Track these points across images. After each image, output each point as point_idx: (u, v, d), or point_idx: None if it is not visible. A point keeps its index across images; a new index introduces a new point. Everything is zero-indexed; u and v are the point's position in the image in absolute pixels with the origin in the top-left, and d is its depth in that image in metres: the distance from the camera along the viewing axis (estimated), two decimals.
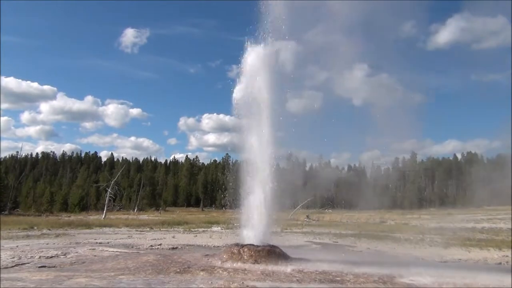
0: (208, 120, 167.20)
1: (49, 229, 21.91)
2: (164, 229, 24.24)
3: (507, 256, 12.80)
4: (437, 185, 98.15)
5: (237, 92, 12.34)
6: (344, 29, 13.06)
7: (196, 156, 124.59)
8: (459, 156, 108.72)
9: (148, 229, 24.25)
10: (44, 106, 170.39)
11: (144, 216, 46.40)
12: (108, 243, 15.18)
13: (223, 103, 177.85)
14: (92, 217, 43.23)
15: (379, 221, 37.24)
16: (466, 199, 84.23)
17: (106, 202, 46.33)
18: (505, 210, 50.70)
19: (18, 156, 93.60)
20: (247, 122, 12.29)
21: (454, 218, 40.98)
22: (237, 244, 10.33)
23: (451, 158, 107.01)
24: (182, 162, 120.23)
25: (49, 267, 9.24)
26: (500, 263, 11.66)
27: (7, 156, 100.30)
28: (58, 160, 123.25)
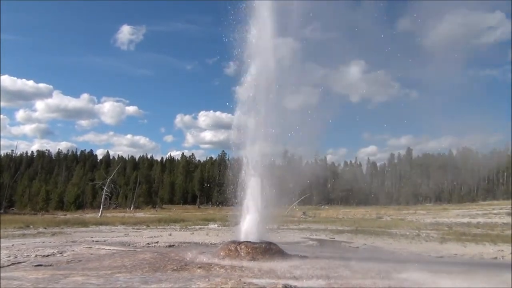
0: (204, 117, 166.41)
1: (45, 228, 21.83)
2: (160, 227, 24.22)
3: (502, 250, 12.89)
4: (433, 180, 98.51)
5: (236, 89, 12.38)
6: (341, 25, 13.06)
7: (192, 154, 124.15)
8: (454, 152, 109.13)
9: (144, 227, 24.22)
10: (40, 104, 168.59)
11: (140, 214, 46.33)
12: (104, 241, 15.14)
13: (220, 100, 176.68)
14: (88, 215, 43.10)
15: (375, 217, 37.41)
16: (461, 194, 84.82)
17: (102, 200, 46.22)
18: (500, 205, 51.12)
19: (13, 155, 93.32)
20: (244, 119, 12.30)
21: (449, 213, 41.23)
22: (234, 241, 10.34)
23: (446, 154, 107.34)
24: (178, 160, 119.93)
25: (46, 265, 9.20)
26: (496, 258, 11.75)
27: (2, 155, 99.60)
28: (54, 158, 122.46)
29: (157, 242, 14.76)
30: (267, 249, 9.91)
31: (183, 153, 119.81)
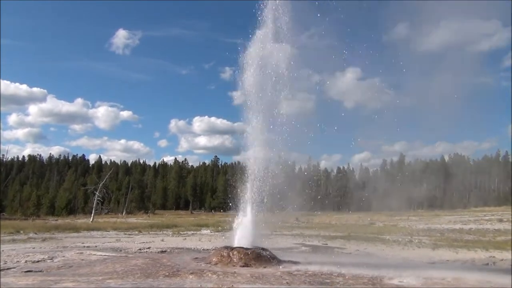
0: (199, 122, 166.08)
1: (36, 233, 21.60)
2: (153, 232, 24.06)
3: (493, 256, 12.98)
4: (425, 187, 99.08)
5: (233, 95, 12.43)
6: (337, 32, 13.15)
7: (185, 159, 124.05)
8: (446, 158, 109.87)
9: (136, 232, 24.05)
10: (33, 108, 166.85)
11: (132, 219, 46.02)
12: (96, 246, 15.01)
13: (214, 106, 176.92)
14: (80, 220, 42.72)
15: (368, 223, 37.48)
16: (453, 201, 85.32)
17: (94, 205, 45.79)
18: (492, 211, 51.52)
19: (4, 159, 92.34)
20: (239, 125, 12.34)
21: (441, 220, 41.43)
22: (226, 247, 10.31)
23: (439, 160, 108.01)
24: (171, 165, 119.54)
25: (36, 271, 9.09)
26: (487, 264, 11.80)
27: None
28: (45, 163, 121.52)
29: (149, 248, 14.66)
30: (259, 255, 9.88)
31: (175, 158, 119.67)
